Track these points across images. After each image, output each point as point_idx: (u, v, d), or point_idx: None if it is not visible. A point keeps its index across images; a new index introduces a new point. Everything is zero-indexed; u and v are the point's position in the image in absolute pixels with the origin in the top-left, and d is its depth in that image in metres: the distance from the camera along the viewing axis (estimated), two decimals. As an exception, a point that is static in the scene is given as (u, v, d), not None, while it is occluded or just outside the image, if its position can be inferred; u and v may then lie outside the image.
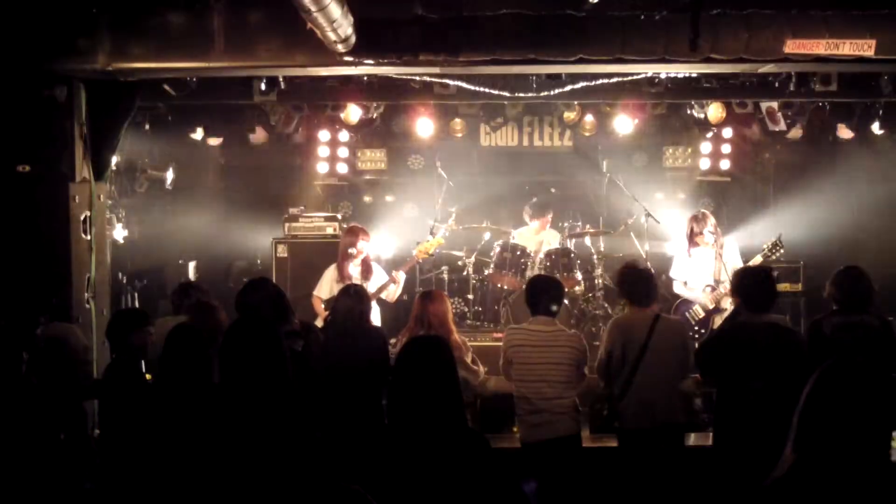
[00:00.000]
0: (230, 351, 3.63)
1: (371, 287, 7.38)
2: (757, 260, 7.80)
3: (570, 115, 9.98)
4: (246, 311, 4.80)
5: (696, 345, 6.43)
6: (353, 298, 5.80)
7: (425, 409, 3.29)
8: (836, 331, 5.39)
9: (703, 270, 7.87)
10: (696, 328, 7.77)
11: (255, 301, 4.90)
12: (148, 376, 4.93)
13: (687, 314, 7.86)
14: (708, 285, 7.78)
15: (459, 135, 10.58)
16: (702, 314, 7.79)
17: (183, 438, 3.65)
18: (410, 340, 3.81)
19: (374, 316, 6.96)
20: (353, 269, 7.57)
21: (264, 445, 3.01)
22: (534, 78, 8.12)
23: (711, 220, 7.86)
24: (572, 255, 9.14)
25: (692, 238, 7.89)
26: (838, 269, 5.62)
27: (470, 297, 9.55)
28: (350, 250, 7.58)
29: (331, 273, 7.63)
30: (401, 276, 7.79)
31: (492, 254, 9.35)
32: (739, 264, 7.47)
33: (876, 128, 9.49)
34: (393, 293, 7.81)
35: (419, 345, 3.64)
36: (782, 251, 7.92)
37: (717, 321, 7.53)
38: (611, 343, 5.43)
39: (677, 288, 8.08)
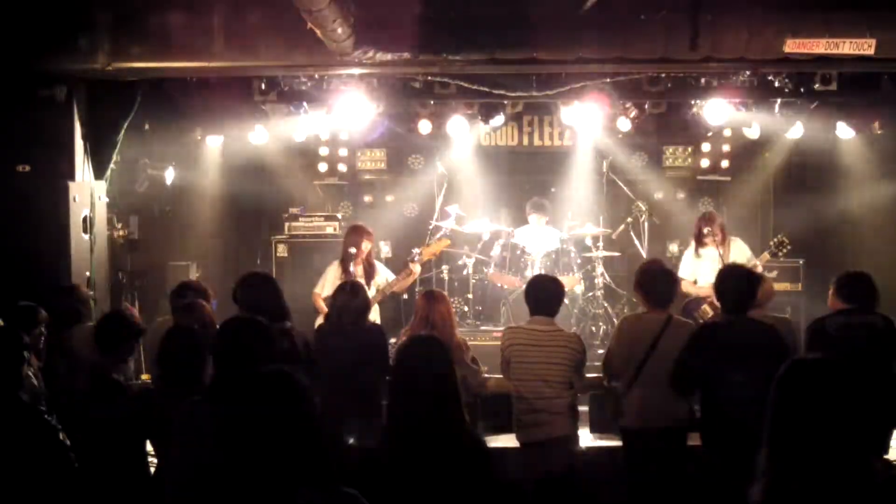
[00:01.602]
0: (221, 350, 3.64)
1: (379, 281, 7.47)
2: (763, 258, 7.85)
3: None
4: (242, 307, 4.82)
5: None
6: (349, 295, 5.78)
7: (424, 408, 3.29)
8: (838, 330, 5.39)
9: (711, 270, 7.86)
10: None
11: (252, 297, 4.90)
12: (146, 376, 4.91)
13: (695, 314, 7.88)
14: None
15: (459, 135, 10.57)
16: (710, 313, 7.79)
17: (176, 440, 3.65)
18: (407, 340, 3.81)
19: (373, 314, 6.96)
20: (357, 268, 7.58)
21: (255, 444, 2.98)
22: (534, 78, 8.12)
23: (719, 220, 7.88)
24: (572, 254, 9.14)
25: (700, 238, 7.89)
26: (841, 273, 5.62)
27: (470, 297, 9.56)
28: (351, 249, 7.58)
29: (334, 271, 7.61)
30: (416, 269, 7.80)
31: (492, 254, 9.35)
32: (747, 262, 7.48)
33: (876, 127, 9.50)
34: (405, 284, 7.84)
35: (416, 344, 3.63)
36: (788, 249, 7.92)
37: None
38: (619, 341, 5.41)
39: (685, 287, 8.09)
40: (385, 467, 3.29)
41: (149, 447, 4.45)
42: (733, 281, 5.19)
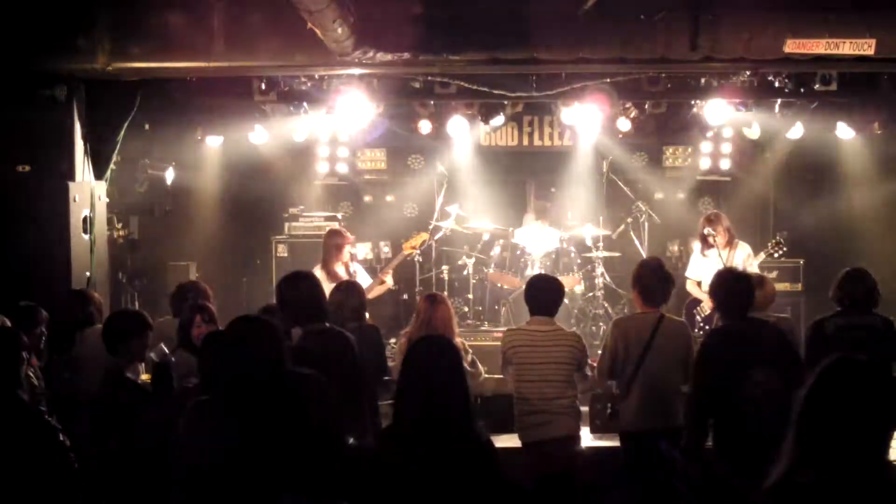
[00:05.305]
0: (224, 349, 3.63)
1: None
2: (759, 258, 7.86)
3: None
4: (283, 306, 4.83)
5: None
6: (344, 294, 5.78)
7: (434, 408, 3.28)
8: (838, 331, 5.39)
9: (714, 271, 7.87)
10: (703, 324, 7.81)
11: (289, 296, 4.89)
12: (146, 377, 4.88)
13: (695, 311, 7.92)
14: None
15: (459, 135, 10.58)
16: (707, 311, 7.82)
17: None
18: (419, 340, 3.80)
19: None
20: (339, 269, 7.59)
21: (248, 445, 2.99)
22: (534, 78, 8.12)
23: (724, 222, 7.87)
24: (572, 254, 9.14)
25: (705, 238, 7.90)
26: (843, 270, 5.62)
27: (470, 297, 9.56)
28: (336, 252, 7.59)
29: (318, 275, 7.59)
30: (388, 280, 7.85)
31: (492, 254, 9.36)
32: (751, 267, 7.49)
33: (876, 127, 9.50)
34: (379, 291, 7.86)
35: (428, 344, 3.62)
36: (784, 250, 7.94)
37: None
38: (613, 342, 5.38)
39: (690, 287, 8.10)
40: (385, 467, 3.28)
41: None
42: (727, 286, 5.11)
